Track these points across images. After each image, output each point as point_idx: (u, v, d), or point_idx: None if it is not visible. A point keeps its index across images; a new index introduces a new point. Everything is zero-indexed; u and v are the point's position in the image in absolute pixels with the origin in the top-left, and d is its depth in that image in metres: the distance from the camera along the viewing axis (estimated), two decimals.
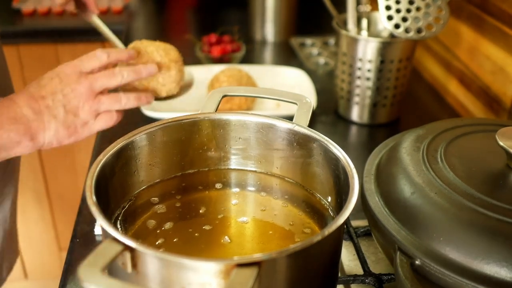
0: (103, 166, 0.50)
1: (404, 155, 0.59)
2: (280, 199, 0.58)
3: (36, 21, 1.63)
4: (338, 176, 0.53)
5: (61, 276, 0.67)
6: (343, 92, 1.02)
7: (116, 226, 0.52)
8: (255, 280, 0.38)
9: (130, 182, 0.57)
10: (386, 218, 0.54)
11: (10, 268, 1.04)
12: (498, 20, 0.95)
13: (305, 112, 0.59)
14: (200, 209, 0.56)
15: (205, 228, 0.53)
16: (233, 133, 0.60)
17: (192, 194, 0.59)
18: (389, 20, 0.88)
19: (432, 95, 1.19)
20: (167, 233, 0.52)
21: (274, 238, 0.53)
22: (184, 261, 0.40)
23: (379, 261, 0.65)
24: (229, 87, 0.75)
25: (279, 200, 0.58)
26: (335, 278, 0.52)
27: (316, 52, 1.37)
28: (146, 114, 0.99)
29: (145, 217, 0.55)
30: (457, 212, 0.50)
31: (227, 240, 0.52)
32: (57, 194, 1.72)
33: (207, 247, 0.52)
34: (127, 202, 0.56)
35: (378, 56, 0.95)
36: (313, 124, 1.01)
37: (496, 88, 0.97)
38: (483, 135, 0.62)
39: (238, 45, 1.30)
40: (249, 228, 0.55)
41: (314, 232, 0.54)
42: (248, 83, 1.04)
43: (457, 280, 0.47)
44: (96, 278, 0.37)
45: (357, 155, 0.93)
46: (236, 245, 0.52)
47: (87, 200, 0.45)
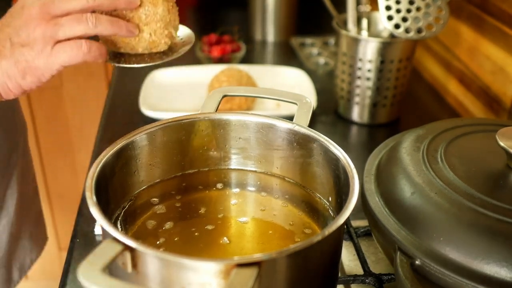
0: (103, 166, 0.50)
1: (404, 155, 0.59)
2: (280, 199, 0.58)
3: None
4: (338, 176, 0.53)
5: (61, 276, 0.67)
6: (343, 92, 1.02)
7: (116, 226, 0.52)
8: (255, 280, 0.38)
9: (130, 182, 0.57)
10: (386, 218, 0.54)
11: (22, 269, 1.02)
12: (498, 20, 0.95)
13: (305, 112, 0.59)
14: (200, 209, 0.56)
15: (206, 228, 0.53)
16: (233, 133, 0.60)
17: (192, 194, 0.59)
18: (389, 20, 0.88)
19: (432, 95, 1.19)
20: (167, 233, 0.53)
21: (274, 238, 0.53)
22: (184, 261, 0.40)
23: (379, 261, 0.65)
24: (229, 87, 0.76)
25: (279, 200, 0.58)
26: (335, 278, 0.52)
27: (316, 52, 1.37)
28: (146, 114, 0.99)
29: (145, 217, 0.55)
30: (457, 212, 0.50)
31: (226, 241, 0.52)
32: (57, 194, 1.72)
33: (207, 247, 0.52)
34: (127, 202, 0.56)
35: (378, 56, 0.95)
36: (313, 124, 1.01)
37: (496, 88, 0.97)
38: (483, 135, 0.62)
39: (238, 45, 1.30)
40: (249, 228, 0.55)
41: (314, 232, 0.54)
42: (248, 83, 1.04)
43: (457, 280, 0.47)
44: (96, 278, 0.37)
45: (357, 155, 0.93)
46: (236, 245, 0.52)
47: (87, 200, 0.45)
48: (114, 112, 1.07)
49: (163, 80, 1.13)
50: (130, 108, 1.05)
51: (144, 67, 0.64)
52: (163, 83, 1.13)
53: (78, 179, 1.69)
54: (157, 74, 1.14)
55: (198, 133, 0.59)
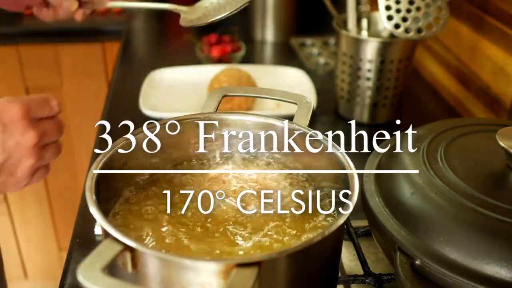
0: (103, 166, 0.50)
1: (404, 155, 0.59)
2: (280, 199, 0.58)
3: (36, 22, 1.61)
4: (338, 176, 0.53)
5: (61, 276, 0.67)
6: (343, 92, 1.02)
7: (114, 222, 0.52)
8: (255, 280, 0.38)
9: (130, 181, 0.56)
10: (386, 218, 0.54)
11: None
12: (498, 20, 0.95)
13: (305, 112, 0.59)
14: (201, 208, 0.56)
15: (206, 226, 0.53)
16: (233, 133, 0.60)
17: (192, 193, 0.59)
18: (389, 20, 0.88)
19: (432, 95, 1.19)
20: (168, 232, 0.52)
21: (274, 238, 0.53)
22: (184, 261, 0.40)
23: (379, 261, 0.65)
24: (229, 87, 0.76)
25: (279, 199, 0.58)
26: (335, 278, 0.52)
27: (316, 52, 1.37)
28: (146, 114, 0.99)
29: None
30: (457, 212, 0.50)
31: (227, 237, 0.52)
32: (57, 194, 1.72)
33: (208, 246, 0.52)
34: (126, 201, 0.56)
35: (378, 56, 0.94)
36: (313, 124, 1.00)
37: (496, 88, 0.97)
38: (483, 135, 0.62)
39: (238, 45, 1.30)
40: (249, 227, 0.54)
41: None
42: (248, 83, 1.04)
43: (457, 280, 0.47)
44: (96, 278, 0.37)
45: (357, 155, 0.92)
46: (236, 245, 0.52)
47: (87, 200, 0.45)
48: (114, 112, 1.07)
49: (163, 80, 1.13)
50: (130, 108, 1.05)
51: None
52: (163, 83, 1.13)
53: (78, 179, 1.69)
54: (157, 74, 1.14)
55: (197, 133, 0.59)
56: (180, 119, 0.58)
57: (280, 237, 0.51)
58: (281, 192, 0.58)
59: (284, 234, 0.52)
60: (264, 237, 0.51)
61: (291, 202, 0.57)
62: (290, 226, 0.53)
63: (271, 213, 0.55)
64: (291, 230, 0.52)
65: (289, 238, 0.51)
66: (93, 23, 1.60)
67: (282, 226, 0.53)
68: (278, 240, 0.51)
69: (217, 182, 0.59)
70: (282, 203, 0.56)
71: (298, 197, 0.58)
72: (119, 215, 0.54)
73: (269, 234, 0.52)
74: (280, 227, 0.53)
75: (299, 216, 0.54)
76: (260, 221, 0.54)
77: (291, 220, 0.54)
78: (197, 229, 0.52)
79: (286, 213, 0.55)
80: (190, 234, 0.51)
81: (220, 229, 0.52)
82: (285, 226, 0.53)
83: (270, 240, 0.51)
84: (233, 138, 0.61)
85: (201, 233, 0.52)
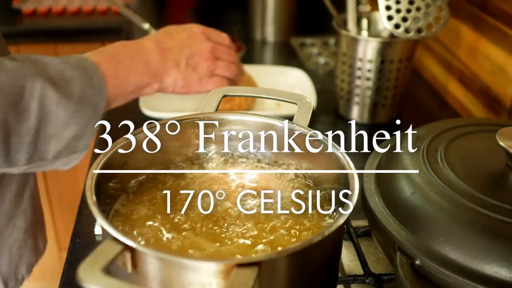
0: (103, 166, 0.50)
1: (404, 155, 0.59)
2: (280, 199, 0.58)
3: (36, 21, 1.63)
4: (338, 176, 0.53)
5: (61, 276, 0.67)
6: (343, 92, 1.02)
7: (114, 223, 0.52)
8: (255, 280, 0.38)
9: (130, 181, 0.56)
10: (386, 218, 0.54)
11: (20, 278, 1.02)
12: (498, 20, 0.95)
13: (305, 112, 0.59)
14: (201, 208, 0.56)
15: (206, 226, 0.53)
16: (233, 133, 0.60)
17: (192, 193, 0.59)
18: (389, 20, 0.88)
19: (432, 95, 1.19)
20: (168, 232, 0.52)
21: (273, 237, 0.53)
22: (184, 261, 0.40)
23: (379, 261, 0.65)
24: (229, 87, 0.76)
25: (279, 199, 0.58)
26: (335, 278, 0.52)
27: (316, 52, 1.37)
28: (146, 114, 0.99)
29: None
30: (457, 212, 0.50)
31: (228, 237, 0.52)
32: (57, 194, 1.72)
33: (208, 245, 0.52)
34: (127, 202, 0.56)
35: (378, 56, 0.95)
36: (313, 124, 1.00)
37: (496, 88, 0.97)
38: (483, 135, 0.62)
39: (238, 45, 1.30)
40: (249, 227, 0.54)
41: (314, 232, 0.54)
42: (248, 83, 1.04)
43: (457, 280, 0.47)
44: (96, 278, 0.37)
45: (357, 155, 0.92)
46: (236, 244, 0.52)
47: (87, 200, 0.45)
48: (114, 112, 1.07)
49: None
50: (130, 108, 1.05)
51: None
52: None
53: (78, 179, 1.69)
54: None
55: (197, 133, 0.59)
56: (180, 119, 0.58)
57: (280, 237, 0.51)
58: (281, 192, 0.58)
59: (284, 234, 0.52)
60: (264, 237, 0.51)
61: (291, 202, 0.57)
62: (290, 226, 0.53)
63: (271, 213, 0.55)
64: (291, 230, 0.52)
65: (289, 238, 0.51)
66: (93, 23, 1.61)
67: (282, 226, 0.53)
68: (278, 240, 0.51)
69: (217, 182, 0.59)
70: (282, 203, 0.56)
71: (298, 197, 0.58)
72: (119, 215, 0.54)
73: (269, 234, 0.52)
74: (280, 227, 0.53)
75: (299, 216, 0.54)
76: (260, 221, 0.53)
77: (291, 220, 0.54)
78: (197, 229, 0.52)
79: (286, 213, 0.55)
80: (190, 234, 0.51)
81: (220, 229, 0.52)
82: (285, 226, 0.53)
83: (270, 240, 0.51)
84: (233, 138, 0.61)
85: (201, 233, 0.52)
